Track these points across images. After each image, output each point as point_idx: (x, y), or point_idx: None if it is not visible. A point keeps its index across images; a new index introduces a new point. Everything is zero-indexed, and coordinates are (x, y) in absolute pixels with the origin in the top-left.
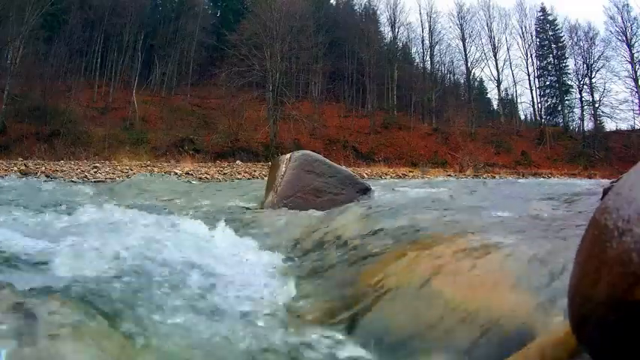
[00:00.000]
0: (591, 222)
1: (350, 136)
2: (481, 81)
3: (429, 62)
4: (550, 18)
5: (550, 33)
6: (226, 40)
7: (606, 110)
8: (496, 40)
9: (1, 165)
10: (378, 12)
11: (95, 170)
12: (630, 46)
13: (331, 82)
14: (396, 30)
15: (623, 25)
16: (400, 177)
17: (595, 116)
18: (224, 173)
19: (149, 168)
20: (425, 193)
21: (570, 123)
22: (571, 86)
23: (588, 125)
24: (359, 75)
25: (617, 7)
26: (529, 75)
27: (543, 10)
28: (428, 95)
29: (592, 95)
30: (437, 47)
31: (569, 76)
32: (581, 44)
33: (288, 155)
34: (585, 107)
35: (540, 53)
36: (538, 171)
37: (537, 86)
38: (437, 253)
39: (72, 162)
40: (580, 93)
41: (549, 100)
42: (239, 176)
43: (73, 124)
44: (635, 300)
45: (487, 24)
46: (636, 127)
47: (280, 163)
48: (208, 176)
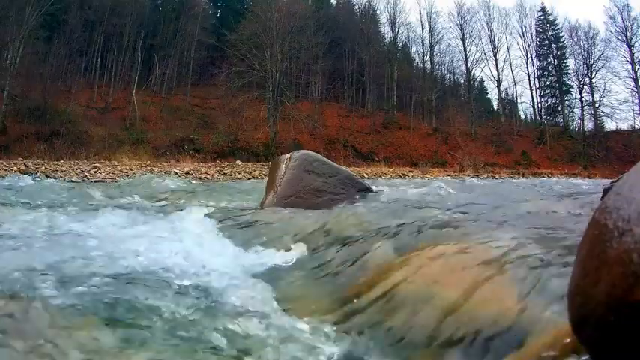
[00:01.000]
0: (591, 222)
1: (350, 136)
2: (481, 81)
3: (429, 62)
4: (550, 18)
5: (550, 33)
6: (226, 40)
7: (606, 110)
8: (496, 40)
9: (1, 165)
10: (378, 12)
11: (95, 170)
12: (630, 46)
13: (331, 82)
14: (396, 30)
15: (623, 25)
16: (400, 177)
17: (595, 116)
18: (224, 173)
19: (149, 168)
20: (425, 193)
21: (570, 123)
22: (571, 86)
23: (588, 125)
24: (359, 75)
25: (617, 7)
26: (529, 75)
27: (543, 10)
28: (428, 95)
29: (592, 95)
30: (437, 47)
31: (569, 76)
32: (581, 44)
33: (288, 155)
34: (585, 107)
35: (540, 53)
36: (538, 171)
37: (537, 86)
38: (436, 253)
39: (72, 162)
40: (580, 93)
41: (549, 100)
42: (239, 176)
43: (73, 124)
44: (635, 300)
45: (487, 24)
46: (636, 127)
47: (280, 163)
48: (208, 176)
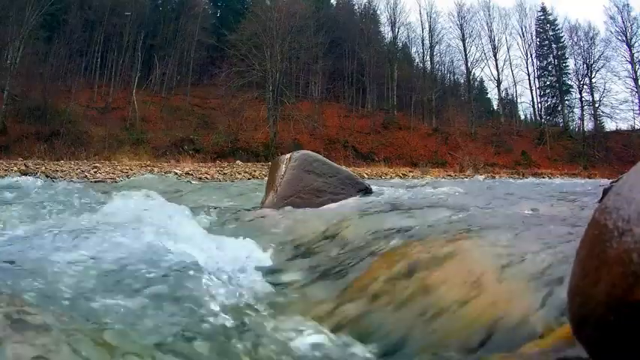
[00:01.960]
0: (591, 222)
1: (350, 136)
2: (481, 81)
3: (429, 62)
4: (550, 18)
5: (550, 33)
6: (226, 40)
7: (606, 110)
8: (496, 40)
9: (1, 165)
10: (378, 12)
11: (95, 170)
12: (630, 46)
13: (331, 82)
14: (396, 30)
15: (623, 25)
16: (400, 177)
17: (595, 116)
18: (224, 173)
19: (149, 168)
20: (425, 193)
21: (570, 123)
22: (571, 86)
23: (588, 125)
24: (359, 75)
25: (617, 7)
26: (529, 75)
27: (543, 10)
28: (428, 95)
29: (592, 95)
30: (437, 47)
31: (569, 76)
32: (581, 44)
33: (288, 155)
34: (585, 107)
35: (540, 53)
36: (538, 171)
37: (537, 86)
38: (436, 253)
39: (72, 162)
40: (580, 93)
41: (549, 100)
42: (239, 176)
43: (73, 124)
44: (635, 300)
45: (487, 24)
46: (636, 127)
47: (280, 163)
48: (208, 176)
